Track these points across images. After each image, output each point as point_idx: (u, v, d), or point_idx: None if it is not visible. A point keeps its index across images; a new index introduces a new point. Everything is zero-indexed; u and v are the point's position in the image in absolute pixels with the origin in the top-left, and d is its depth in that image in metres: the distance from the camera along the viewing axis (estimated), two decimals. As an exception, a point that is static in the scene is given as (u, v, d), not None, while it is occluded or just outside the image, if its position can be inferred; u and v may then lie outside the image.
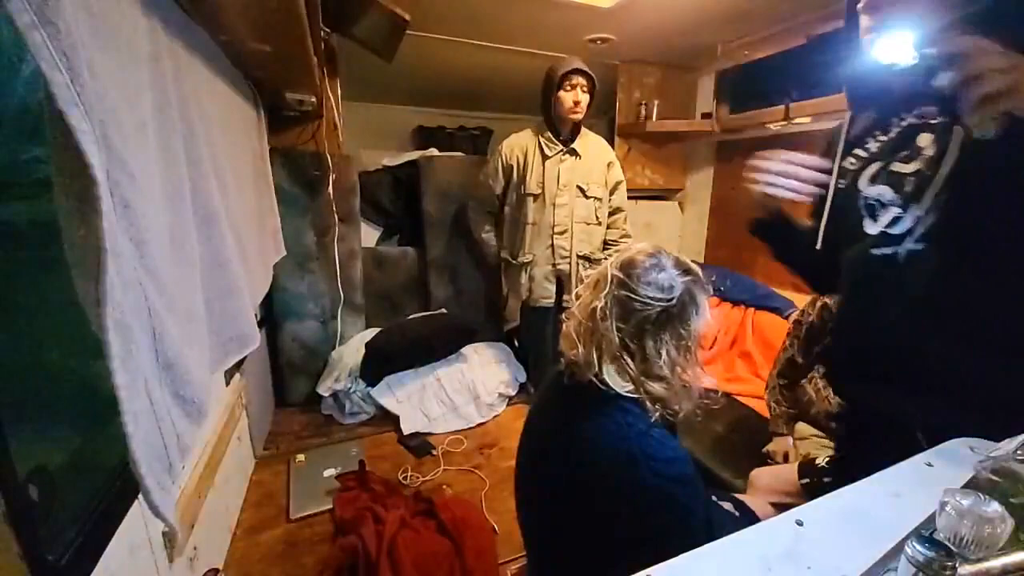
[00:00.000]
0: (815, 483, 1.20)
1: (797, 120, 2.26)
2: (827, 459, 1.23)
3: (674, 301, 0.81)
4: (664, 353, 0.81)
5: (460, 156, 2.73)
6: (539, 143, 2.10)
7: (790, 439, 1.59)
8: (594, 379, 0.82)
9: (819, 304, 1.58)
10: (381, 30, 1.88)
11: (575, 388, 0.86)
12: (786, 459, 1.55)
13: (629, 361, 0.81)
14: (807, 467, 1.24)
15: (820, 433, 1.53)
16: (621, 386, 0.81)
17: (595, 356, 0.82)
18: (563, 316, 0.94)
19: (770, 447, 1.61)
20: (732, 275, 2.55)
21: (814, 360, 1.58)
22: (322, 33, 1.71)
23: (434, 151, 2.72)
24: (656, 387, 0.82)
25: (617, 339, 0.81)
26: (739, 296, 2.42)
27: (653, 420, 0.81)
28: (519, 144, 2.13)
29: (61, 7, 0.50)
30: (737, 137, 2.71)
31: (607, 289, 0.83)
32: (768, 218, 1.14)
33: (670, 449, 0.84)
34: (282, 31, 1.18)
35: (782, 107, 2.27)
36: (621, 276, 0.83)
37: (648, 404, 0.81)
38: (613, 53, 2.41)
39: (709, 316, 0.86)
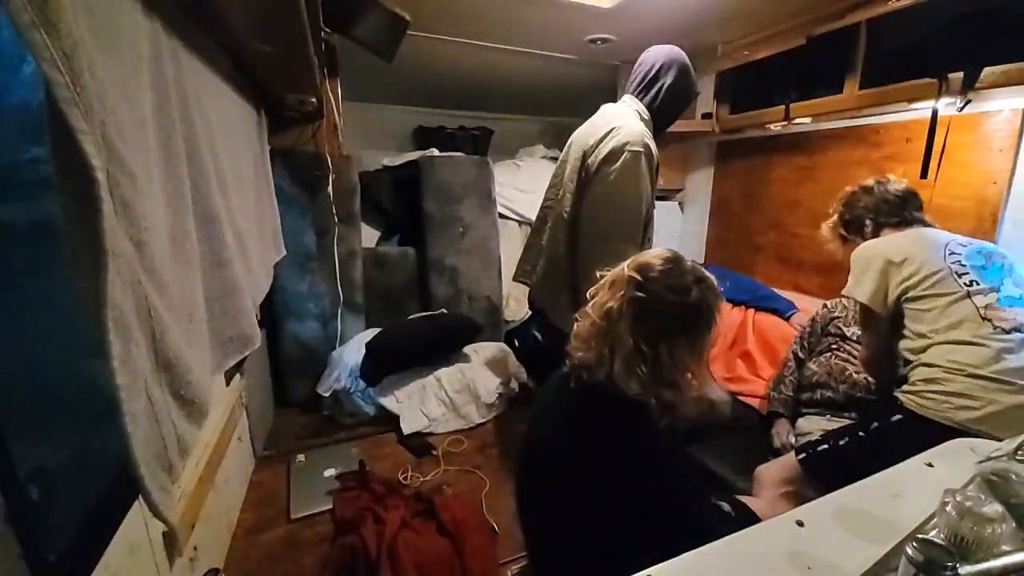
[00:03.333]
0: (811, 455, 1.28)
1: (797, 120, 2.26)
2: (819, 435, 1.34)
3: (690, 306, 0.81)
4: (676, 358, 0.81)
5: (460, 156, 2.72)
6: (654, 146, 1.56)
7: (787, 421, 1.69)
8: (605, 381, 0.82)
9: (823, 303, 1.85)
10: (381, 30, 1.88)
11: (584, 391, 0.85)
12: (788, 437, 1.64)
13: (641, 364, 0.80)
14: (802, 446, 1.33)
15: (822, 428, 1.55)
16: (631, 389, 0.80)
17: (607, 357, 0.82)
18: (575, 316, 0.94)
19: (773, 430, 1.69)
20: (732, 275, 2.54)
21: (813, 349, 1.77)
22: (322, 33, 1.70)
23: (434, 151, 2.72)
24: (666, 392, 0.82)
25: (631, 341, 0.80)
26: (740, 296, 2.42)
27: (661, 425, 0.81)
28: (649, 139, 1.53)
29: (62, 7, 0.50)
30: (737, 137, 2.71)
31: (623, 290, 0.83)
32: None
33: (675, 455, 0.85)
34: (282, 31, 1.18)
35: (782, 107, 2.28)
36: (638, 278, 0.82)
37: (656, 409, 0.81)
38: (613, 53, 2.41)
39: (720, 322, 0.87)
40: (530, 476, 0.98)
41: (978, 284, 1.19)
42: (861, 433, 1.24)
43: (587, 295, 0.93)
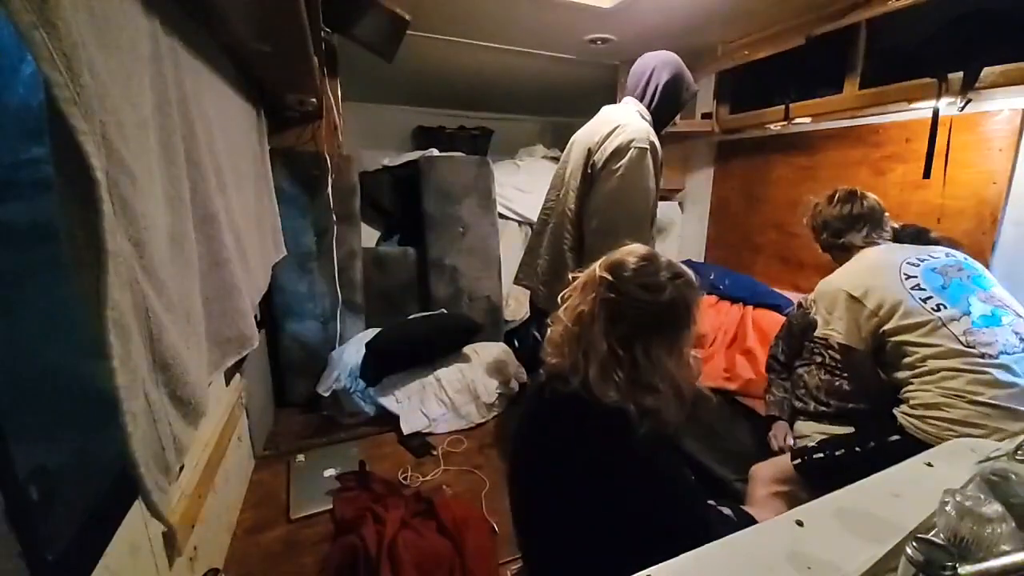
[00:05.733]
0: (806, 461, 1.27)
1: (797, 120, 2.26)
2: (815, 442, 1.33)
3: (664, 305, 0.78)
4: (654, 360, 0.77)
5: (460, 156, 2.72)
6: (658, 143, 1.59)
7: (786, 424, 1.67)
8: (580, 389, 0.78)
9: (796, 302, 1.82)
10: (381, 30, 1.88)
11: (558, 402, 0.81)
12: (785, 441, 1.62)
13: (617, 369, 0.76)
14: (798, 451, 1.32)
15: (819, 431, 1.54)
16: (608, 396, 0.76)
17: (581, 363, 0.78)
18: (547, 320, 0.90)
19: (771, 433, 1.68)
20: (732, 274, 2.55)
21: (796, 353, 1.74)
22: (322, 33, 1.71)
23: (434, 151, 2.72)
24: (646, 398, 0.77)
25: (605, 345, 0.77)
26: (738, 294, 2.42)
27: (643, 431, 0.75)
28: (654, 139, 1.57)
29: (61, 7, 0.50)
30: (737, 137, 2.71)
31: (594, 292, 0.80)
32: None
33: (662, 466, 0.80)
34: (282, 31, 1.18)
35: (782, 107, 2.28)
36: (610, 278, 0.79)
37: (636, 416, 0.75)
38: (613, 53, 2.41)
39: (700, 320, 0.83)
40: (519, 488, 0.94)
41: (946, 308, 1.16)
42: (858, 449, 1.22)
43: (558, 299, 0.88)
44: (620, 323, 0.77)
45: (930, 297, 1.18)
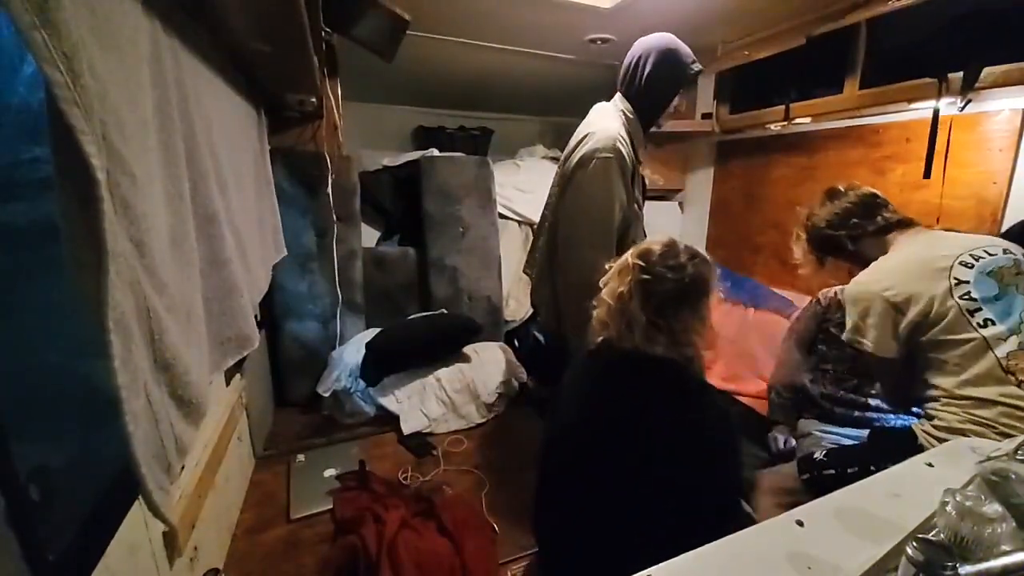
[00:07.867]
0: (815, 476, 1.22)
1: (797, 120, 2.26)
2: (824, 453, 1.25)
3: (687, 280, 0.95)
4: (687, 324, 0.96)
5: (460, 156, 2.72)
6: (634, 145, 1.54)
7: (786, 428, 1.68)
8: (632, 349, 0.96)
9: (812, 300, 1.79)
10: (381, 30, 1.88)
11: (617, 359, 0.99)
12: (786, 444, 1.62)
13: (658, 334, 0.95)
14: (805, 462, 1.26)
15: (820, 430, 1.54)
16: (655, 351, 0.95)
17: (627, 333, 0.97)
18: (592, 303, 1.07)
19: (771, 434, 1.69)
20: (732, 276, 2.55)
21: (808, 350, 1.73)
22: (322, 33, 1.71)
23: (434, 151, 2.72)
24: (685, 349, 0.97)
25: (644, 318, 0.95)
26: (739, 296, 2.42)
27: (690, 373, 0.97)
28: (623, 143, 1.49)
29: (62, 8, 0.50)
30: (737, 137, 2.71)
31: (630, 275, 0.98)
32: None
33: (718, 400, 0.98)
34: (282, 31, 1.18)
35: (782, 107, 2.28)
36: (641, 263, 0.97)
37: (682, 362, 0.96)
38: (613, 53, 2.41)
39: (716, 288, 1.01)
40: (562, 462, 1.03)
41: (994, 324, 1.03)
42: (872, 468, 1.09)
43: (599, 284, 1.05)
44: (653, 299, 0.95)
45: (979, 309, 1.05)
